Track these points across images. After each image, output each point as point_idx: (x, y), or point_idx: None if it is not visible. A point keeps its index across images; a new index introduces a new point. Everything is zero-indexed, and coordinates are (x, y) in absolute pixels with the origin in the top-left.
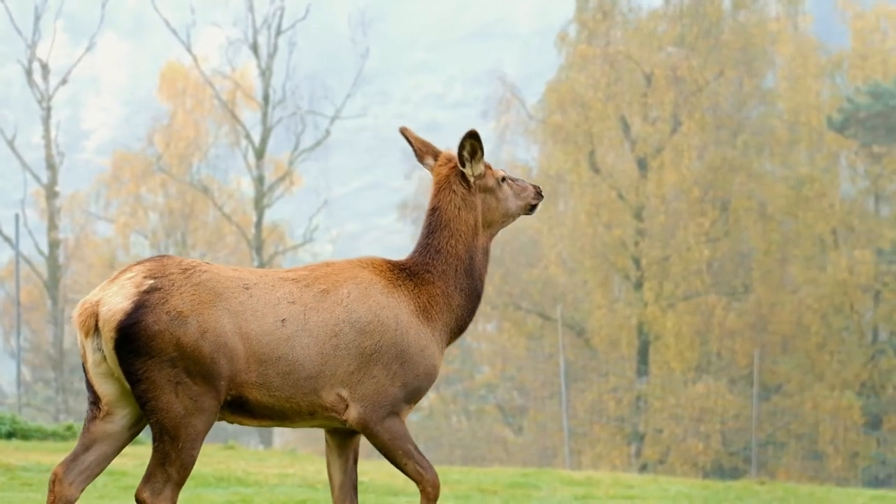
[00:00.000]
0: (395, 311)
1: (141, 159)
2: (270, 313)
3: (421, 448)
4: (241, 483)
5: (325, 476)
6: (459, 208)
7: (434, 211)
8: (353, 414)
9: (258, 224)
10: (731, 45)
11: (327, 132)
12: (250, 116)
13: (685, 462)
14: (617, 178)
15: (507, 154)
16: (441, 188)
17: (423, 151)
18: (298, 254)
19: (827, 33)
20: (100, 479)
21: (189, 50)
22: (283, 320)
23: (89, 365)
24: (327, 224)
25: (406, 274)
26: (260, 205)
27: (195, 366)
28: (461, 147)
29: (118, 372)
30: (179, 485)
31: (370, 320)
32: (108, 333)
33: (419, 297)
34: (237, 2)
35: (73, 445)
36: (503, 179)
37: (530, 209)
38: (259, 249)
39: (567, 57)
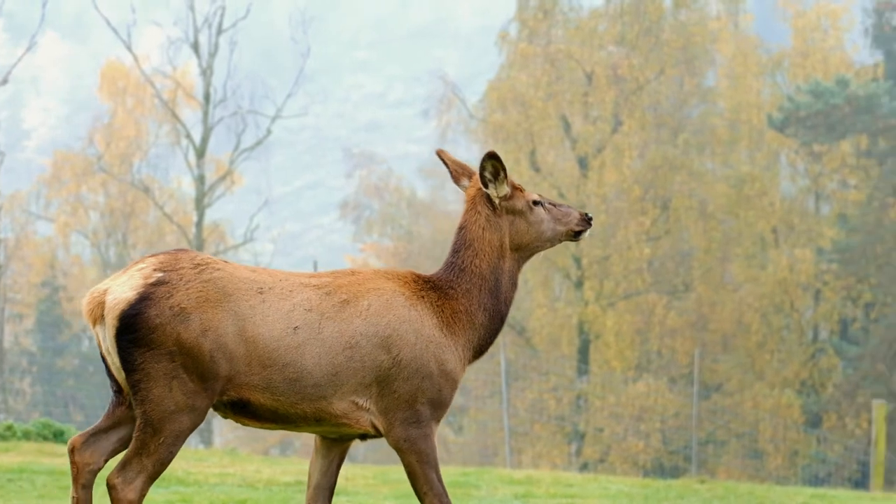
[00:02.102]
0: (417, 325)
1: (81, 159)
2: (283, 319)
3: (360, 447)
4: (181, 483)
5: (265, 475)
6: (484, 228)
7: (461, 230)
8: (380, 428)
9: (199, 223)
10: (672, 43)
11: (268, 131)
12: (191, 116)
13: (625, 461)
14: (558, 177)
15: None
16: (468, 208)
17: (458, 173)
18: (239, 253)
19: (768, 32)
20: (39, 477)
21: (130, 49)
22: (295, 327)
23: (104, 353)
24: (268, 223)
25: (431, 288)
26: (201, 204)
27: (193, 363)
28: (482, 168)
29: (116, 360)
30: (153, 478)
31: (389, 334)
32: (110, 322)
33: (443, 311)
34: (178, 1)
35: (11, 446)
36: (536, 203)
37: (574, 235)
38: (200, 249)
39: (508, 56)
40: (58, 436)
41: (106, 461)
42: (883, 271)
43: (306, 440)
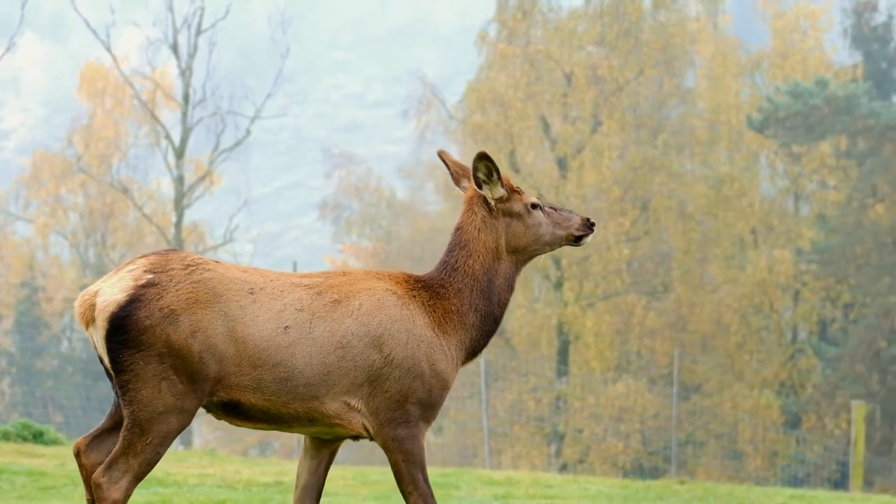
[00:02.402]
0: (409, 324)
1: (60, 160)
2: (273, 319)
3: (339, 448)
4: (160, 483)
5: (244, 476)
6: (479, 230)
7: (457, 230)
8: (369, 428)
9: (178, 224)
10: (652, 44)
11: (247, 132)
12: (170, 116)
13: (605, 462)
14: (537, 178)
15: (428, 154)
16: (465, 209)
17: (458, 174)
18: (218, 254)
19: (747, 33)
20: (19, 478)
21: (109, 50)
22: (286, 327)
23: (100, 355)
24: (247, 224)
25: (423, 287)
26: (180, 205)
27: (183, 364)
28: (474, 169)
29: (106, 360)
30: (139, 478)
31: (381, 333)
32: (100, 323)
33: (434, 311)
34: (157, 2)
35: None
36: (535, 206)
37: (574, 240)
38: (179, 250)
39: (487, 57)
40: (37, 437)
41: None
42: (862, 272)
43: (286, 441)
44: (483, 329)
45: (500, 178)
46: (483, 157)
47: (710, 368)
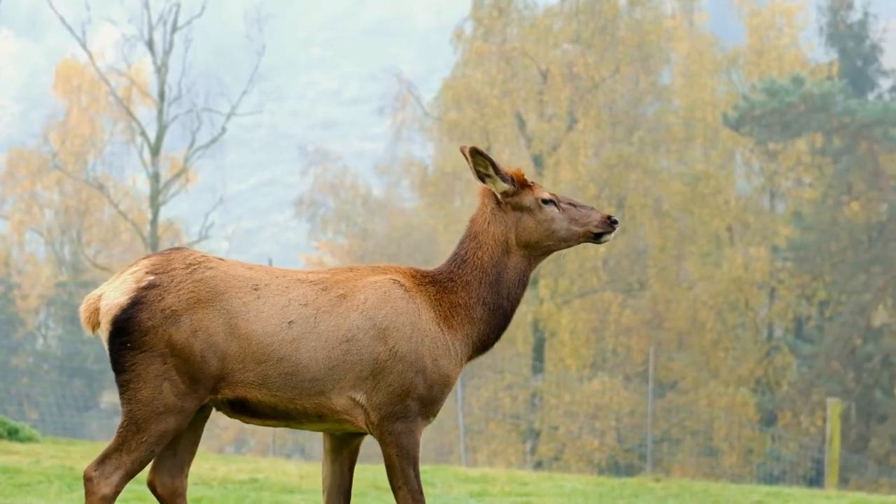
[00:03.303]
0: (414, 317)
1: (36, 156)
2: (277, 315)
3: (315, 445)
4: (135, 480)
5: (220, 473)
6: (489, 222)
7: (469, 223)
8: (371, 421)
9: (154, 221)
10: (627, 42)
11: (223, 129)
12: (146, 113)
13: (580, 459)
14: None
15: (404, 151)
16: (479, 202)
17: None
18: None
19: (723, 30)
20: None
21: (84, 47)
22: (290, 322)
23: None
24: (223, 221)
25: (430, 282)
26: (155, 202)
27: (185, 364)
28: (473, 164)
29: (110, 359)
30: (130, 475)
31: (386, 326)
32: (104, 326)
33: (440, 305)
34: None
35: None
36: (547, 201)
37: (594, 237)
38: (155, 247)
39: (463, 54)
40: (12, 433)
41: (187, 476)
42: (837, 269)
43: (261, 438)
44: (491, 323)
45: (497, 172)
46: (473, 153)
47: (685, 366)
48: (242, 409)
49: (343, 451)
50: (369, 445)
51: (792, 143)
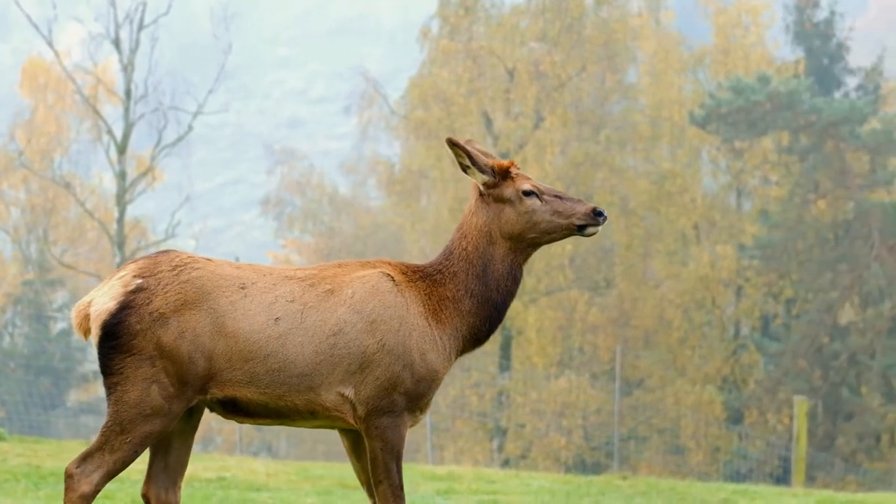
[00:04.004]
0: (401, 311)
1: (2, 155)
2: (264, 312)
3: (282, 443)
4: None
5: (187, 472)
6: (473, 213)
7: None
8: (358, 415)
9: (120, 220)
10: (594, 40)
11: (189, 128)
12: (112, 112)
13: (547, 457)
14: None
15: (370, 150)
16: (471, 195)
17: None
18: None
19: (689, 29)
20: None
21: (51, 45)
22: (276, 319)
23: None
24: (190, 220)
25: (419, 276)
26: (122, 200)
27: (173, 366)
28: (455, 156)
29: (99, 363)
30: (111, 475)
31: (374, 319)
32: (94, 331)
33: (430, 299)
34: None
35: None
36: (529, 193)
37: (577, 229)
38: (121, 245)
39: (429, 52)
40: None
41: (180, 489)
42: (804, 267)
43: (227, 436)
44: (481, 315)
45: (475, 163)
46: (450, 144)
47: (652, 364)
48: (234, 408)
49: (362, 447)
50: (334, 444)
51: (758, 142)
